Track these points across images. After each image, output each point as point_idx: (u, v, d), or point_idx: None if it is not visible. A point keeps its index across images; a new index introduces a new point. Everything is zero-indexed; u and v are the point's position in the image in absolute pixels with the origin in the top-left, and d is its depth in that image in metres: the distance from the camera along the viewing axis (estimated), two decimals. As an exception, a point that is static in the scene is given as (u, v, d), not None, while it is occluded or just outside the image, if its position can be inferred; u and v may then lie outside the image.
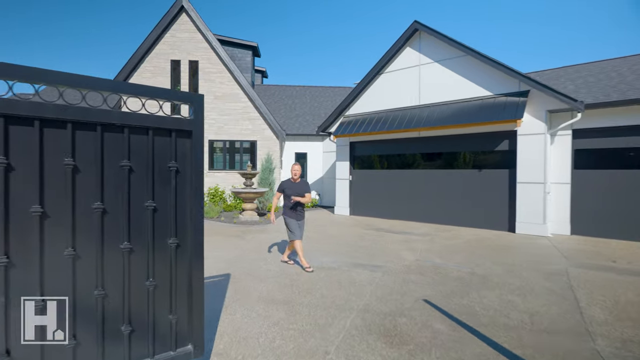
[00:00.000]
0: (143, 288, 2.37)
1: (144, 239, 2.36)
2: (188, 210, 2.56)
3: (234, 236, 8.30)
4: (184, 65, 14.78)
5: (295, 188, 5.65)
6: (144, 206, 2.37)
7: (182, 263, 2.53)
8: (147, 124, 2.38)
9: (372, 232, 9.09)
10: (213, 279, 4.88)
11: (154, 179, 2.42)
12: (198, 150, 2.57)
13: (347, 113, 12.51)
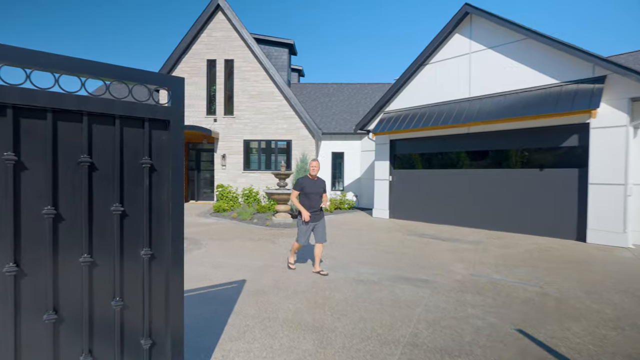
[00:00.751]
0: (108, 309, 1.94)
1: (109, 251, 1.93)
2: (166, 215, 2.09)
3: (265, 240, 7.80)
4: (219, 65, 14.68)
5: (314, 186, 5.27)
6: (110, 211, 1.91)
7: (158, 278, 2.08)
8: (113, 111, 1.89)
9: (415, 238, 8.20)
10: (234, 290, 4.34)
11: (122, 177, 1.96)
12: (177, 144, 2.10)
13: (387, 109, 11.66)
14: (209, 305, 3.87)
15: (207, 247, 7.02)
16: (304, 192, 5.27)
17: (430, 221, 10.46)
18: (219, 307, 3.82)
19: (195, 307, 3.81)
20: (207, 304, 3.91)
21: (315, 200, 5.28)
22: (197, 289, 4.40)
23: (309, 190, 5.26)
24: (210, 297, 4.13)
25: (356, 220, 11.13)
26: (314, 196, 5.27)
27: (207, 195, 16.15)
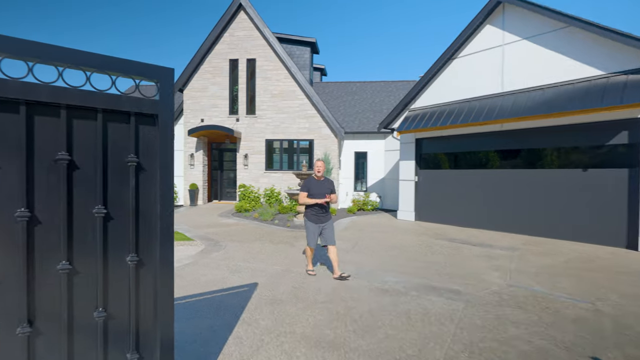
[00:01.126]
0: (90, 321, 1.75)
1: (91, 257, 1.75)
2: (155, 217, 1.92)
3: (285, 243, 7.54)
4: (241, 64, 14.61)
5: (320, 187, 5.16)
6: (91, 213, 1.74)
7: (146, 286, 1.92)
8: (95, 104, 1.70)
9: (444, 242, 7.71)
10: (249, 298, 4.08)
11: (105, 177, 1.78)
12: (167, 140, 1.90)
13: (412, 106, 11.16)
14: (221, 315, 3.63)
15: (226, 249, 6.84)
16: (310, 193, 5.14)
17: (459, 224, 9.89)
18: (231, 318, 3.57)
19: (205, 317, 3.57)
20: (219, 313, 3.66)
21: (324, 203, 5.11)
22: (211, 293, 4.18)
23: (315, 191, 5.13)
24: (224, 306, 3.89)
25: (380, 223, 10.71)
26: (319, 197, 5.10)
27: (230, 195, 16.15)
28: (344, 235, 8.45)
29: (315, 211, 5.14)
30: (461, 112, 9.35)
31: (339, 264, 5.36)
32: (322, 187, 5.16)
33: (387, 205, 14.89)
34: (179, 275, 4.98)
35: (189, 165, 15.02)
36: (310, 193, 5.14)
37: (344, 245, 7.26)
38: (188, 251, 6.67)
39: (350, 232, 8.92)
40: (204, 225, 9.83)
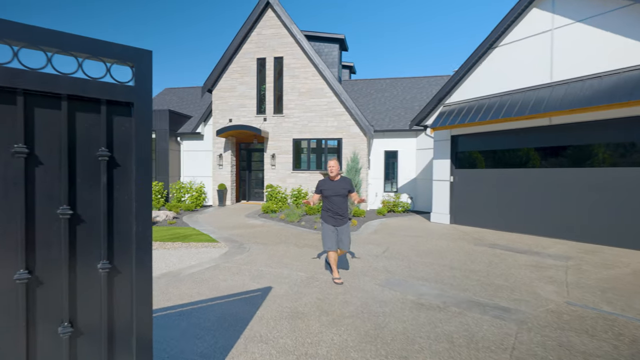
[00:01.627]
0: (54, 338, 1.51)
1: (54, 263, 1.51)
2: (132, 219, 1.67)
3: (310, 246, 7.15)
4: (269, 63, 14.42)
5: (334, 187, 4.85)
6: (55, 214, 1.50)
7: (120, 297, 1.68)
8: (58, 89, 1.43)
9: (485, 249, 7.01)
10: (268, 309, 3.70)
11: (72, 173, 1.53)
12: (144, 132, 1.67)
13: (447, 101, 10.43)
14: (233, 331, 3.27)
15: (250, 252, 6.54)
16: (324, 195, 4.90)
17: (500, 228, 9.09)
18: (247, 333, 3.20)
19: (217, 331, 3.23)
20: (231, 329, 3.31)
21: (338, 203, 4.82)
22: (228, 301, 3.84)
23: (329, 192, 4.85)
24: (240, 318, 3.53)
25: (412, 226, 10.08)
26: (335, 199, 4.82)
27: (258, 195, 16.03)
28: (374, 239, 7.94)
29: (331, 213, 4.85)
30: (503, 106, 8.56)
31: (365, 271, 4.92)
32: (337, 187, 4.85)
33: (419, 206, 14.16)
34: (199, 280, 4.71)
35: (217, 166, 15.03)
36: (323, 195, 4.90)
37: (374, 250, 6.76)
38: (211, 254, 6.43)
39: (380, 236, 8.39)
40: (230, 226, 9.65)
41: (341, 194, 4.83)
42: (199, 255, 6.31)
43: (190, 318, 3.52)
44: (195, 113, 17.57)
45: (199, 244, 7.20)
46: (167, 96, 20.96)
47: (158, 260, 5.88)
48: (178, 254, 6.33)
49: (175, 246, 7.05)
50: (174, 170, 15.92)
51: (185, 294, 4.20)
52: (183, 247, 6.93)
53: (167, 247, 6.93)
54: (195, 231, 8.83)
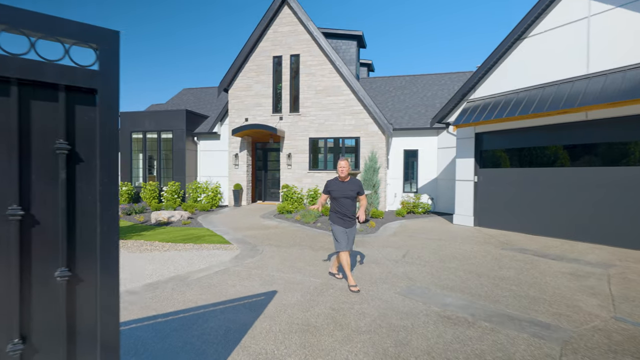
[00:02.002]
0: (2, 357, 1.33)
1: (3, 272, 1.30)
2: (96, 220, 1.44)
3: (326, 249, 6.81)
4: (285, 61, 14.18)
5: (343, 188, 4.68)
6: (4, 215, 1.30)
7: (83, 307, 1.45)
8: (6, 72, 1.24)
9: (513, 254, 6.50)
10: (276, 321, 3.39)
11: (24, 168, 1.30)
12: (109, 123, 1.43)
13: (472, 97, 9.89)
14: (238, 345, 2.97)
15: (262, 254, 6.27)
16: (332, 196, 4.72)
17: (528, 232, 8.49)
18: (250, 352, 2.89)
19: (214, 348, 2.94)
20: (235, 343, 3.01)
21: (347, 205, 4.65)
22: (233, 308, 3.56)
23: (337, 193, 4.67)
24: (245, 330, 3.24)
25: (434, 228, 9.59)
26: (343, 200, 4.65)
27: (274, 195, 15.83)
28: (393, 242, 7.53)
29: (340, 215, 4.67)
30: (533, 101, 7.97)
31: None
32: (346, 188, 4.67)
33: (440, 208, 13.59)
34: (206, 286, 4.46)
35: (233, 166, 14.91)
36: (332, 196, 4.73)
37: (393, 255, 6.36)
38: (222, 256, 6.19)
39: (400, 239, 7.97)
40: (244, 227, 9.43)
41: (350, 196, 4.65)
42: (210, 257, 6.08)
43: (191, 329, 3.25)
44: (213, 113, 17.55)
45: (211, 246, 6.99)
46: (185, 96, 21.09)
47: (167, 263, 5.69)
48: (188, 256, 6.12)
49: (186, 247, 6.86)
50: (191, 170, 15.92)
51: (190, 300, 3.95)
52: (194, 249, 6.73)
53: (179, 249, 6.74)
54: (208, 232, 8.65)
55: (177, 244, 7.20)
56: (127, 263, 5.62)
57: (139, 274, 5.00)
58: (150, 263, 5.65)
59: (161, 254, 6.34)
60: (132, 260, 5.85)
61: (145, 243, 7.26)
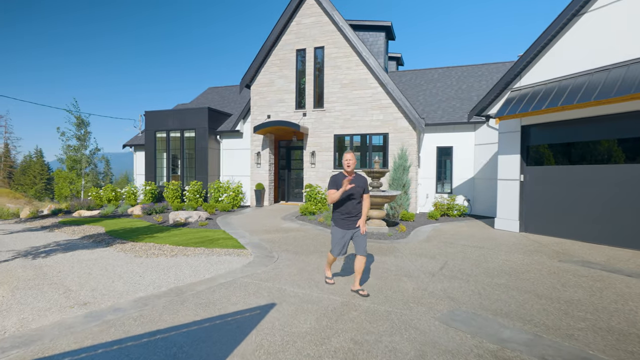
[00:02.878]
0: None
1: None
2: None
3: (349, 258, 5.99)
4: (309, 54, 13.46)
5: (350, 184, 4.16)
6: None
7: None
8: None
9: (576, 268, 5.39)
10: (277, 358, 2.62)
11: None
12: None
13: (517, 85, 8.72)
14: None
15: (277, 263, 5.55)
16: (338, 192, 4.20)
17: (586, 239, 7.27)
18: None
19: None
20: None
21: (352, 204, 4.21)
22: (226, 334, 2.82)
23: (343, 192, 4.14)
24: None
25: (473, 234, 8.51)
26: (348, 198, 4.18)
27: (297, 195, 15.17)
28: (427, 250, 6.59)
29: (344, 215, 4.23)
30: (595, 86, 6.77)
31: (419, 296, 3.69)
32: (352, 184, 4.19)
33: (478, 210, 12.38)
34: (204, 303, 3.78)
35: (255, 164, 14.38)
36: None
37: (429, 266, 5.44)
38: (233, 264, 5.52)
39: (435, 245, 7.01)
40: (263, 229, 8.78)
41: (356, 194, 4.21)
42: (219, 265, 5.43)
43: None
44: (236, 111, 17.14)
45: (223, 251, 6.35)
46: (210, 95, 20.90)
47: (170, 271, 5.08)
48: (195, 264, 5.50)
49: (196, 252, 6.26)
50: (213, 170, 15.56)
51: (179, 321, 3.26)
52: (204, 254, 6.11)
53: (188, 254, 6.15)
54: (224, 234, 8.06)
55: (188, 247, 6.63)
56: (126, 271, 5.06)
57: (134, 284, 4.41)
58: (152, 271, 5.06)
59: (167, 259, 5.77)
60: (134, 267, 5.29)
61: (154, 246, 6.74)
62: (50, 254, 6.16)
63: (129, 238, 7.69)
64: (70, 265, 5.36)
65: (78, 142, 19.36)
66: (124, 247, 6.73)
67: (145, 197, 15.38)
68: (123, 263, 5.51)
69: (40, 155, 57.10)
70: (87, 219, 11.29)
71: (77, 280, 4.56)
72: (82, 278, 4.68)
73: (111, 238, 7.77)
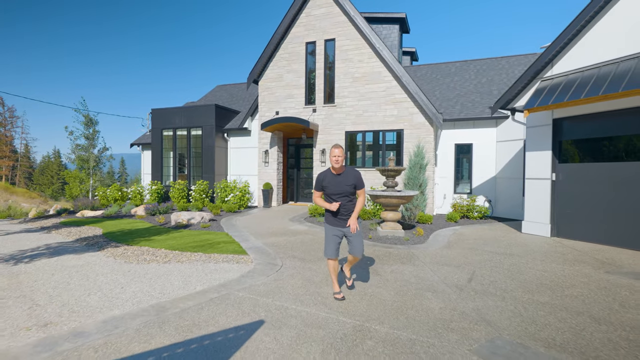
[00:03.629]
0: None
1: None
2: None
3: (363, 267, 5.29)
4: (319, 47, 12.79)
5: (337, 183, 3.80)
6: None
7: None
8: None
9: (630, 282, 4.58)
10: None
11: None
12: None
13: (548, 74, 7.88)
14: None
15: (281, 271, 4.90)
16: (325, 192, 3.89)
17: (634, 247, 6.40)
18: None
19: None
20: None
21: (343, 204, 3.80)
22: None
23: (330, 189, 3.82)
24: None
25: (498, 238, 7.70)
26: (338, 198, 3.81)
27: (307, 196, 14.53)
28: (450, 258, 5.84)
29: (334, 213, 3.85)
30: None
31: (447, 319, 2.97)
32: (340, 182, 3.80)
33: (500, 212, 11.51)
34: (187, 325, 3.14)
35: (263, 163, 13.79)
36: (325, 192, 3.88)
37: (454, 277, 4.70)
38: (230, 273, 4.89)
39: (458, 252, 6.25)
40: (269, 232, 8.15)
41: (346, 192, 3.81)
42: (214, 274, 4.81)
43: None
44: (244, 109, 16.60)
45: (222, 257, 5.74)
46: (218, 93, 20.44)
47: (158, 281, 4.47)
48: (188, 272, 4.89)
49: (192, 258, 5.66)
50: (221, 169, 15.03)
51: (149, 354, 2.63)
52: (200, 261, 5.51)
53: (182, 260, 5.55)
54: (226, 237, 7.46)
55: (184, 252, 6.04)
56: (109, 281, 4.48)
57: (112, 299, 3.81)
58: (137, 281, 4.47)
59: (158, 267, 5.17)
60: (118, 276, 4.71)
61: (148, 251, 6.17)
62: (34, 258, 5.65)
63: (124, 241, 7.16)
64: (51, 273, 4.81)
65: (86, 141, 19.11)
66: (115, 251, 6.19)
67: (151, 197, 14.97)
68: (108, 271, 4.94)
69: (58, 155, 58.08)
70: (88, 220, 10.87)
71: (49, 292, 3.99)
72: (57, 289, 4.11)
73: (106, 241, 7.26)
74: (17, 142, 55.92)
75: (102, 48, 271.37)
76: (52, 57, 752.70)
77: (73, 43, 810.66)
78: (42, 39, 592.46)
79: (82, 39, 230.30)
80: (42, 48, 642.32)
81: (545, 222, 7.89)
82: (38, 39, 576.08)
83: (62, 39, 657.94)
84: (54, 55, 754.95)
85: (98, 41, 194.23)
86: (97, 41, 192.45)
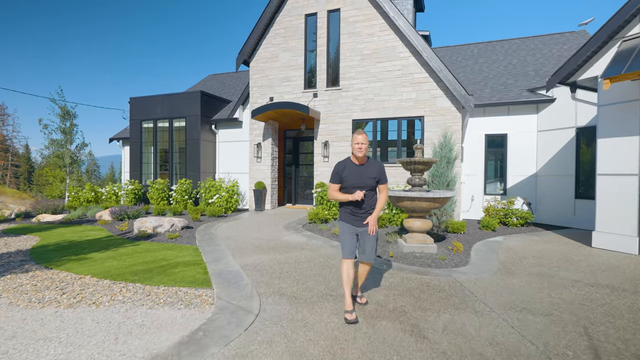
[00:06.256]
0: None
1: None
2: None
3: (388, 314, 3.20)
4: (321, 19, 10.73)
5: (359, 174, 3.14)
6: None
7: None
8: None
9: None
10: None
11: None
12: None
13: (632, 32, 5.77)
14: None
15: (254, 330, 2.83)
16: (343, 185, 3.18)
17: None
18: None
19: None
20: None
21: (364, 199, 3.11)
22: None
23: (351, 181, 3.13)
24: None
25: (567, 256, 5.59)
26: (360, 190, 3.11)
27: (308, 197, 12.48)
28: (522, 294, 3.72)
29: (350, 210, 3.19)
30: None
31: None
32: (362, 175, 3.13)
33: (542, 217, 9.39)
34: None
35: (254, 159, 11.72)
36: (343, 186, 3.17)
37: (556, 343, 2.59)
38: (164, 334, 2.82)
39: (528, 283, 4.14)
40: (254, 246, 6.09)
41: (367, 186, 3.14)
42: (134, 337, 2.74)
43: None
44: (236, 98, 14.56)
45: (168, 293, 3.67)
46: (210, 82, 18.40)
47: (20, 354, 2.40)
48: (93, 329, 2.83)
49: (120, 296, 3.59)
50: (208, 166, 12.96)
51: None
52: (130, 302, 3.44)
53: (101, 301, 3.48)
54: (191, 255, 5.40)
55: (117, 283, 3.99)
56: None
57: None
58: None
59: (54, 314, 3.12)
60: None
61: (65, 279, 4.12)
62: None
63: (49, 260, 5.12)
64: None
65: (63, 136, 17.11)
66: (14, 280, 4.14)
67: (127, 198, 12.95)
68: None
69: (27, 150, 56.60)
70: (41, 226, 8.85)
71: None
72: None
73: (24, 260, 5.22)
74: (7, 141, 54.38)
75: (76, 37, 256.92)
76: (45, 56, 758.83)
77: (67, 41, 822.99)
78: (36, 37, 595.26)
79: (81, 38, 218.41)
80: (34, 44, 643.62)
81: (630, 233, 5.77)
82: (33, 37, 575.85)
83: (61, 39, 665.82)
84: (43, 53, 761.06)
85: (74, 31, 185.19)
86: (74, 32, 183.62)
